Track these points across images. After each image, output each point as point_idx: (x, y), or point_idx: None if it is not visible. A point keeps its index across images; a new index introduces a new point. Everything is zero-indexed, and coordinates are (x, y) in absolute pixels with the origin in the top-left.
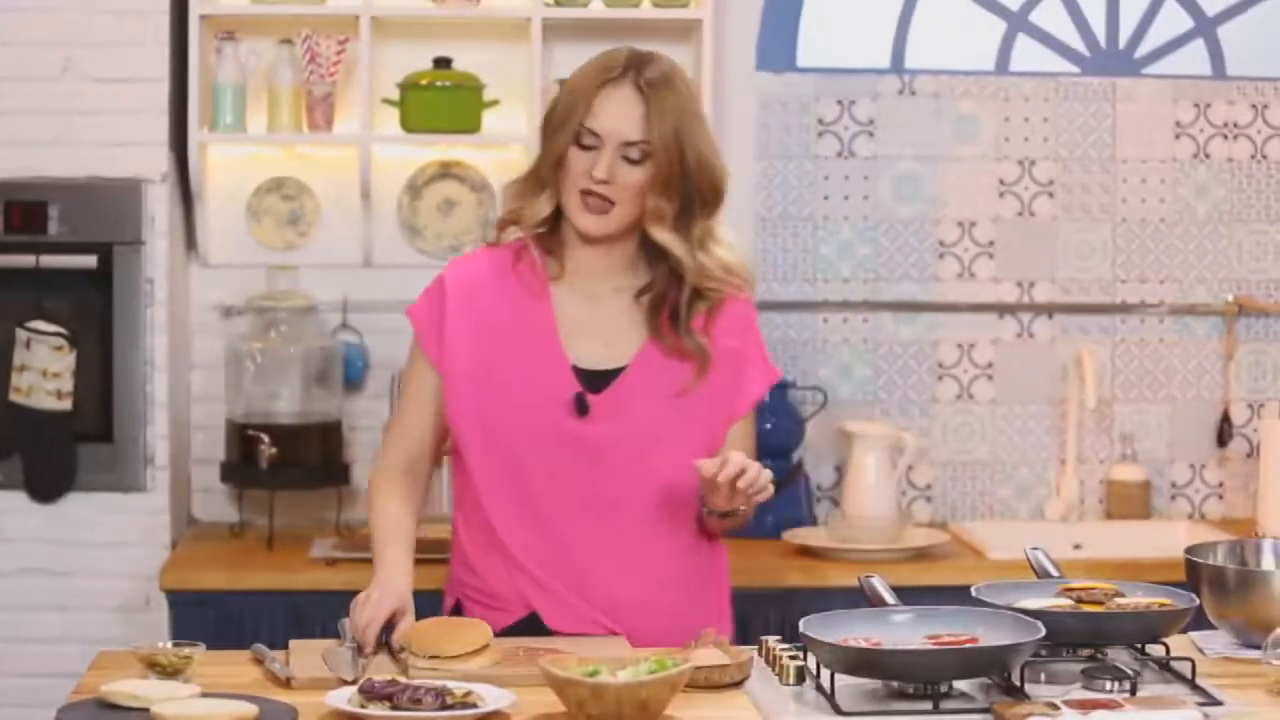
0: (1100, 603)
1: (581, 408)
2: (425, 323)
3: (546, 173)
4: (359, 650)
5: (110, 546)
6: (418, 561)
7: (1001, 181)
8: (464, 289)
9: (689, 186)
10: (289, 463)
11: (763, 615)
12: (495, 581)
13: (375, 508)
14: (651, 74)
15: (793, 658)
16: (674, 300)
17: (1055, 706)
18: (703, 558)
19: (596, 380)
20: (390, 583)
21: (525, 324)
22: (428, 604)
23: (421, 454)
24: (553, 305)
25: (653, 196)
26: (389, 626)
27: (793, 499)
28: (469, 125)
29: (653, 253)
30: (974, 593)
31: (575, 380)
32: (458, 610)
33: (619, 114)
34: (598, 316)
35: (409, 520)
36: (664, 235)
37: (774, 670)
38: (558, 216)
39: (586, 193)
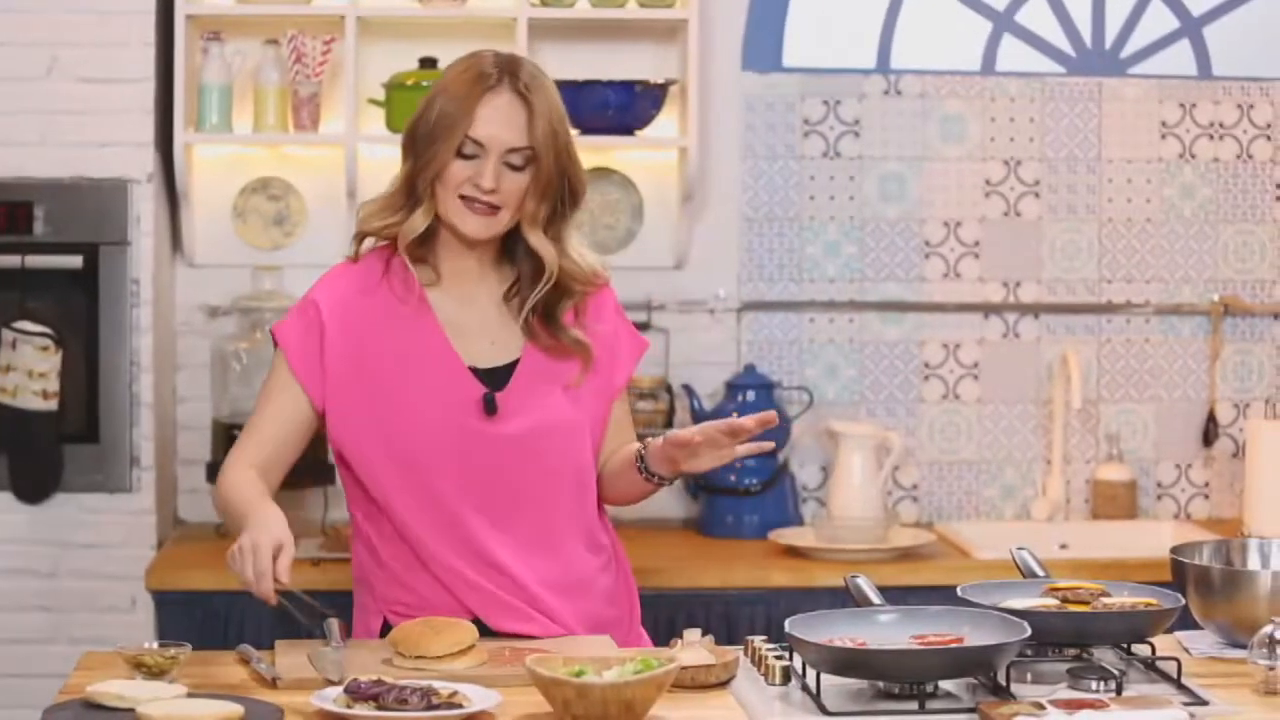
0: (1086, 603)
1: (490, 407)
2: (297, 347)
3: (422, 186)
4: (300, 613)
5: (96, 547)
6: None
7: (987, 181)
8: (339, 311)
9: (562, 188)
10: None
11: (748, 615)
12: (430, 593)
13: (226, 481)
14: (527, 78)
15: (779, 658)
16: (541, 302)
17: (1041, 706)
18: (606, 536)
19: (493, 378)
20: (261, 522)
21: (411, 334)
22: None
23: (273, 465)
24: (434, 311)
25: (531, 199)
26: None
27: (779, 499)
28: None
29: (514, 253)
30: (960, 593)
31: (476, 381)
32: (386, 628)
33: (502, 121)
34: (477, 317)
35: (262, 481)
36: (537, 239)
37: (760, 670)
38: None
39: (469, 199)
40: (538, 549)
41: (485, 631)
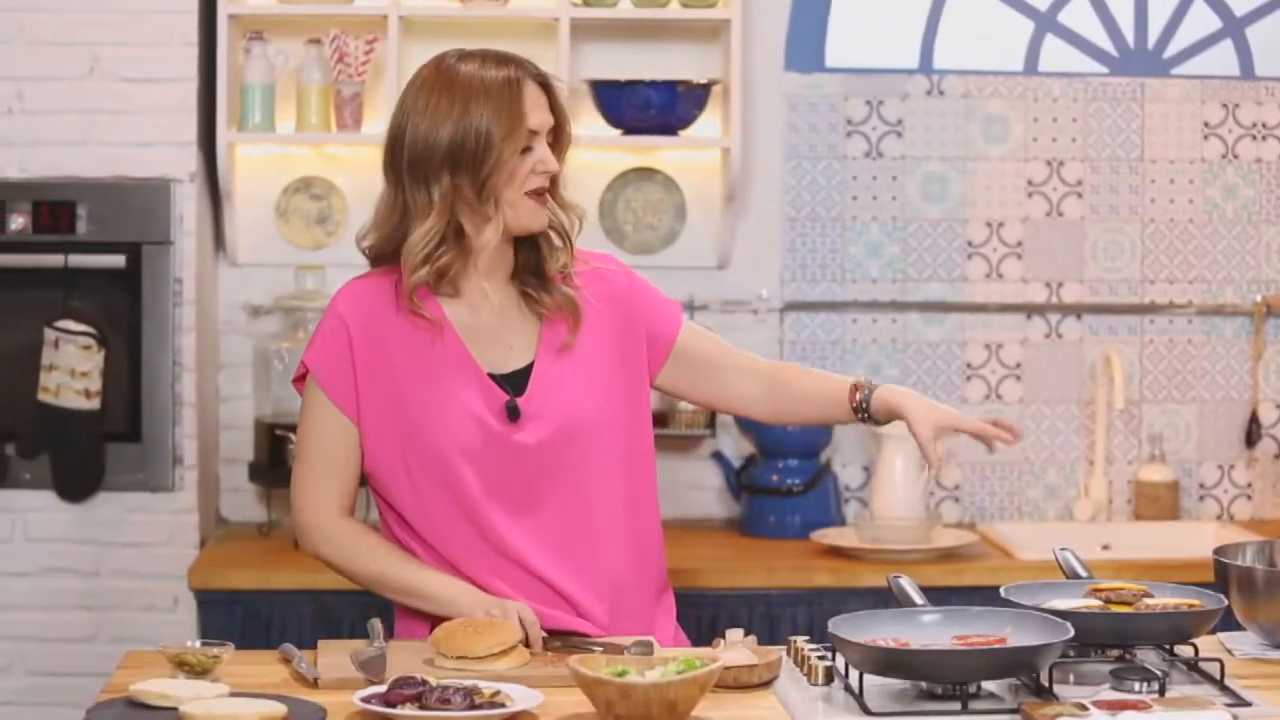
0: (1129, 603)
1: (513, 414)
2: (329, 371)
3: (484, 198)
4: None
5: (138, 546)
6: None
7: (1030, 182)
8: (364, 323)
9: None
10: None
11: (791, 616)
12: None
13: (362, 542)
14: (525, 61)
15: (821, 658)
16: (536, 262)
17: (1084, 707)
18: (640, 524)
19: (513, 382)
20: (474, 597)
21: (431, 345)
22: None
23: (350, 496)
24: (452, 322)
25: (561, 166)
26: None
27: (821, 499)
28: None
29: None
30: (1003, 593)
31: (497, 389)
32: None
33: (539, 106)
34: (491, 319)
35: (375, 535)
36: (564, 196)
37: (802, 671)
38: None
39: (536, 191)
40: (571, 550)
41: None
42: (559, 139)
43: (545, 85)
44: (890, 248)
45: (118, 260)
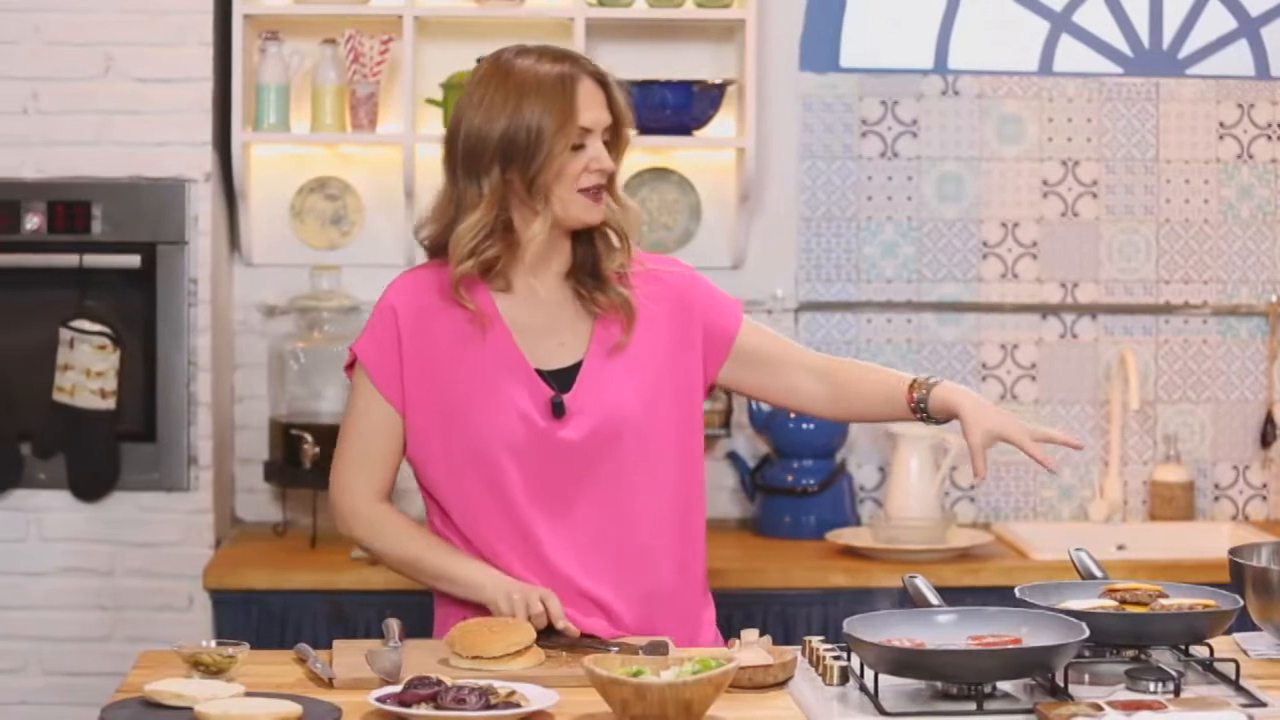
0: (1144, 604)
1: (558, 410)
2: (377, 361)
3: (534, 193)
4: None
5: (153, 546)
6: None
7: (1045, 182)
8: (414, 315)
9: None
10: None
11: (806, 616)
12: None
13: (397, 526)
14: (581, 58)
15: (836, 658)
16: (590, 258)
17: (1099, 707)
18: (684, 532)
19: (560, 379)
20: (505, 582)
21: (479, 340)
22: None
23: (388, 484)
24: (503, 317)
25: (618, 165)
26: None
27: (836, 500)
28: None
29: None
30: (1018, 593)
31: (543, 384)
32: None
33: (595, 104)
34: (543, 315)
35: (415, 525)
36: (621, 195)
37: (818, 671)
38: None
39: (590, 188)
40: (609, 554)
41: (553, 633)
42: (616, 138)
43: (603, 83)
44: (905, 248)
45: (133, 260)
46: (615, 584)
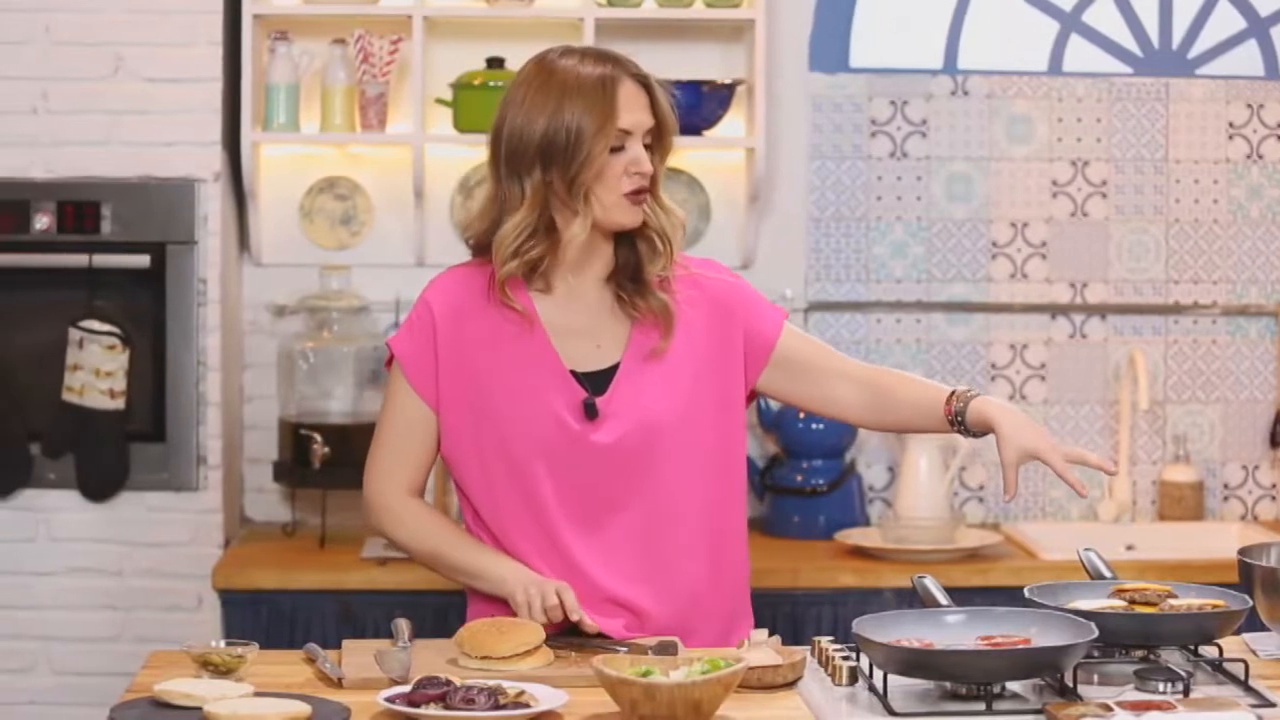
0: (1153, 604)
1: (590, 412)
2: (412, 357)
3: (575, 194)
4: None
5: (162, 546)
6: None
7: (1054, 182)
8: (451, 314)
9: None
10: (341, 462)
11: (815, 616)
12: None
13: (424, 520)
14: (627, 60)
15: (845, 658)
16: (633, 262)
17: (1108, 708)
18: (721, 541)
19: (595, 382)
20: (524, 574)
21: (516, 339)
22: (458, 606)
23: (421, 480)
24: (541, 317)
25: (661, 169)
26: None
27: (845, 500)
28: None
29: (619, 237)
30: (1027, 594)
31: (577, 385)
32: None
33: (637, 106)
34: (581, 317)
35: (445, 516)
36: (664, 199)
37: (827, 671)
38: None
39: (634, 191)
40: (638, 561)
41: (572, 632)
42: (660, 141)
43: (646, 86)
44: (915, 248)
45: (142, 260)
46: (643, 590)
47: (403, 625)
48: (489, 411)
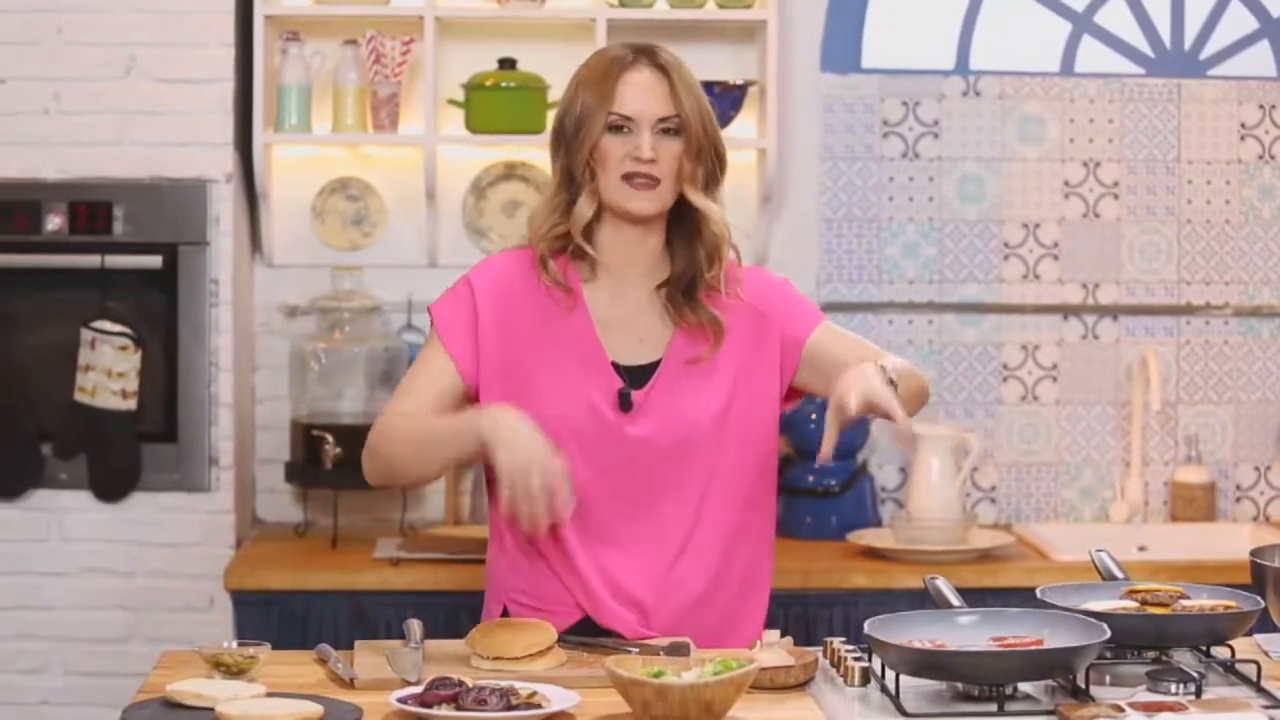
0: (1165, 605)
1: (625, 403)
2: (450, 324)
3: (580, 173)
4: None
5: (174, 546)
6: (461, 562)
7: (1066, 183)
8: (495, 296)
9: (712, 157)
10: (353, 463)
11: (827, 617)
12: (545, 583)
13: (397, 421)
14: (664, 55)
15: (857, 659)
16: (686, 275)
17: (1120, 709)
18: (747, 547)
19: (635, 376)
20: (514, 438)
21: (561, 324)
22: (470, 606)
23: None
24: (587, 305)
25: (688, 164)
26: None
27: (857, 500)
28: (534, 126)
29: (674, 242)
30: (1039, 594)
31: (616, 376)
32: (505, 615)
33: (646, 94)
34: (629, 312)
35: None
36: (701, 200)
37: (839, 672)
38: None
39: (631, 175)
40: (657, 552)
41: (592, 628)
42: (687, 136)
43: (668, 77)
44: (927, 249)
45: (154, 261)
46: (657, 590)
47: (415, 626)
48: (527, 390)
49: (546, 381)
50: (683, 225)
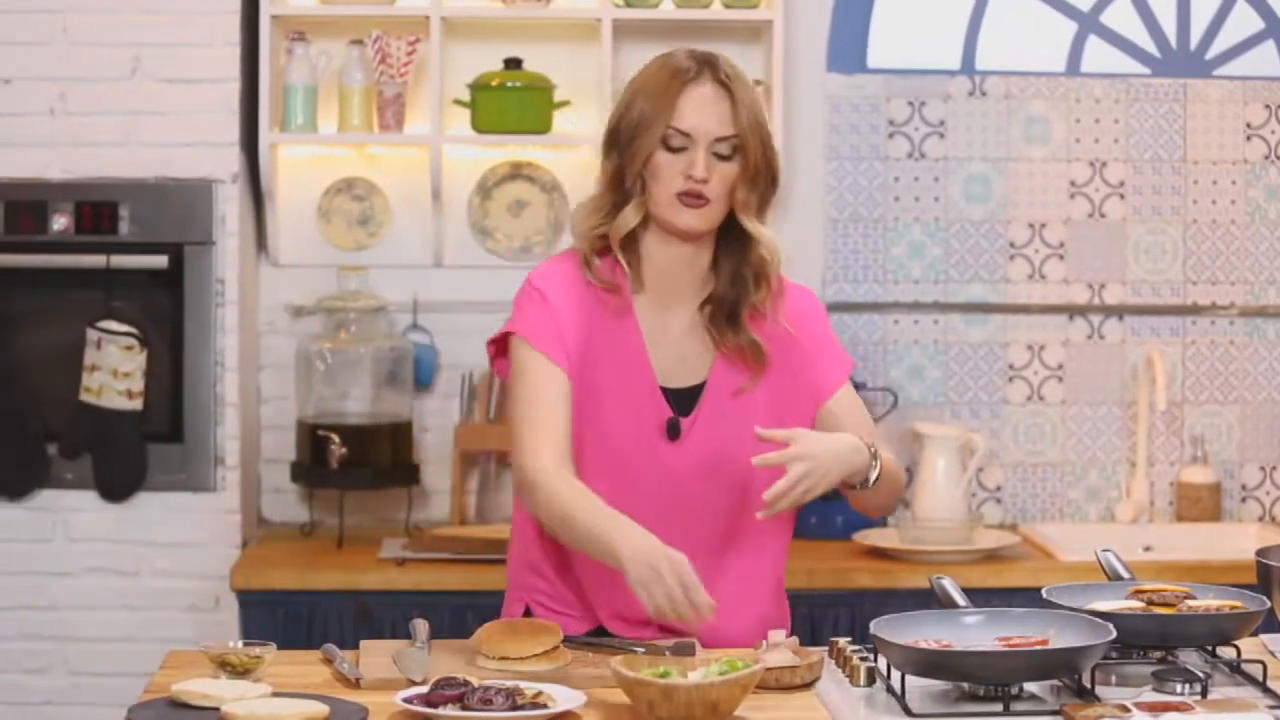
0: (1171, 605)
1: (673, 433)
2: (539, 331)
3: (631, 182)
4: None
5: (180, 546)
6: (467, 563)
7: (1072, 183)
8: (562, 291)
9: (766, 177)
10: (359, 463)
11: (833, 617)
12: (568, 587)
13: (570, 489)
14: (726, 68)
15: (863, 659)
16: (733, 301)
17: (1126, 709)
18: (775, 575)
19: (679, 399)
20: (654, 547)
21: (616, 339)
22: (489, 606)
23: (570, 454)
24: (637, 319)
25: (742, 188)
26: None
27: None
28: (540, 126)
29: (720, 259)
30: (1045, 594)
31: (665, 403)
32: (528, 614)
33: (707, 112)
34: (673, 329)
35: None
36: (754, 226)
37: (844, 672)
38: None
39: (683, 193)
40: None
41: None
42: (744, 159)
43: (731, 94)
44: (932, 249)
45: (160, 261)
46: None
47: (420, 626)
48: (589, 403)
49: (603, 399)
50: (731, 243)
